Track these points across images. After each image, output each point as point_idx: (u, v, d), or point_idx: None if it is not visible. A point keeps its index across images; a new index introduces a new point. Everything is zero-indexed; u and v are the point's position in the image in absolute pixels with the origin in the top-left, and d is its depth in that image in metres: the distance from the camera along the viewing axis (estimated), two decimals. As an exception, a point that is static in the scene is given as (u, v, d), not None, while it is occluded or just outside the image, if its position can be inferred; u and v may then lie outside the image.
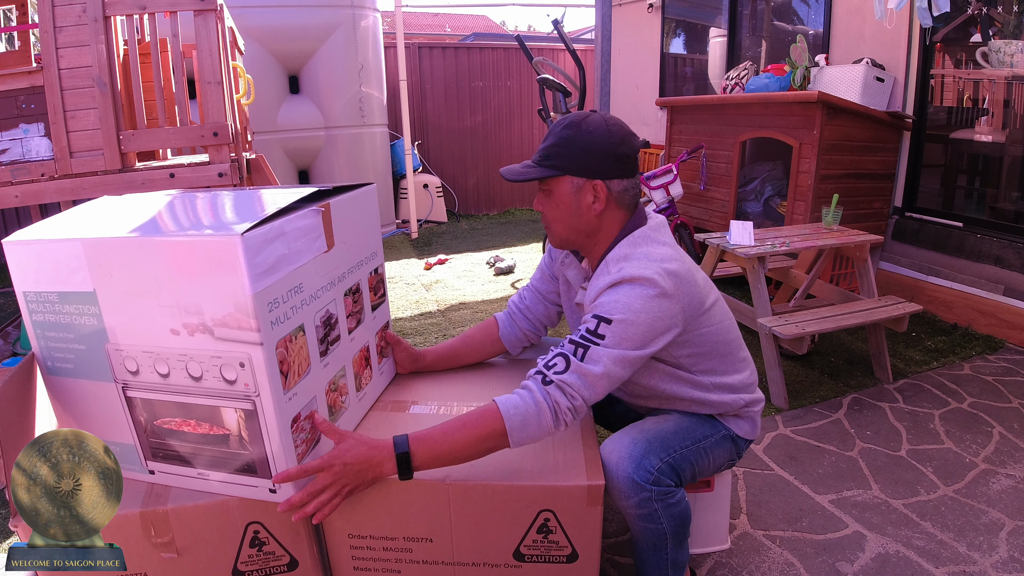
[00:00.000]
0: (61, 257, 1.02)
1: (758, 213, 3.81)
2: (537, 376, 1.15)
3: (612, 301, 1.16)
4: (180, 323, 0.99)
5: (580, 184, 1.24)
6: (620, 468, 1.18)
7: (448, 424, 1.13)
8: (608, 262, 1.25)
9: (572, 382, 1.13)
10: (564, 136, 1.23)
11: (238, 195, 1.26)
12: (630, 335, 1.14)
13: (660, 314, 1.17)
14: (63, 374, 1.12)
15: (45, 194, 2.40)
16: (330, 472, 1.07)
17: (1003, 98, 3.29)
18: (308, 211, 1.12)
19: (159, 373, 1.05)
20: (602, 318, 1.15)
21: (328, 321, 1.19)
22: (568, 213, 1.27)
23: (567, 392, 1.13)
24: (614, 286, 1.17)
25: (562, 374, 1.13)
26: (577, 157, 1.23)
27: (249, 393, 1.01)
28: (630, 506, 1.19)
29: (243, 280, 0.94)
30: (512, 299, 1.60)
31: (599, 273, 1.25)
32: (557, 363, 1.14)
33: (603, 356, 1.13)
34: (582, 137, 1.23)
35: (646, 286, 1.16)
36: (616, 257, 1.24)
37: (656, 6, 5.40)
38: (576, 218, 1.27)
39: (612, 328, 1.14)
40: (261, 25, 4.67)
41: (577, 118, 1.25)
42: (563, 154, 1.23)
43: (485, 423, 1.11)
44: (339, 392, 1.25)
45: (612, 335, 1.14)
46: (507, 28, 18.54)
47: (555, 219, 1.29)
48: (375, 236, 1.44)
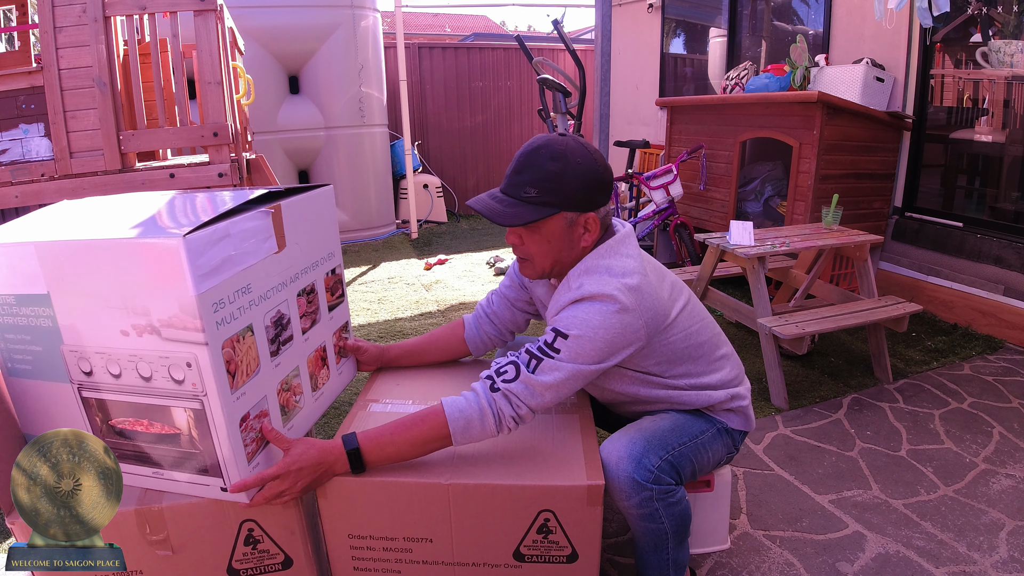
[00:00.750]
0: (16, 261, 1.03)
1: (758, 213, 3.81)
2: (486, 381, 1.17)
3: (571, 317, 1.16)
4: (129, 324, 1.01)
5: (573, 219, 1.21)
6: (620, 468, 1.18)
7: (396, 423, 1.17)
8: (570, 277, 1.24)
9: (519, 391, 1.15)
10: (552, 171, 1.17)
11: (197, 197, 1.26)
12: (586, 351, 1.15)
13: (621, 330, 1.17)
14: (22, 375, 1.13)
15: (45, 194, 2.40)
16: (285, 479, 1.10)
17: (1003, 98, 3.29)
18: (256, 212, 1.12)
19: (111, 374, 1.06)
20: (559, 332, 1.16)
21: (280, 321, 1.19)
22: (557, 248, 1.23)
23: (512, 401, 1.15)
24: (574, 303, 1.18)
25: (510, 383, 1.15)
26: (570, 192, 1.18)
27: (197, 393, 1.02)
28: (631, 506, 1.19)
29: (186, 281, 0.95)
30: (480, 303, 1.59)
31: (561, 288, 1.24)
32: (508, 371, 1.16)
33: (554, 369, 1.14)
34: (572, 170, 1.18)
35: (606, 302, 1.16)
36: (578, 272, 1.23)
37: (656, 6, 5.40)
38: (566, 252, 1.24)
39: (568, 343, 1.15)
40: (261, 25, 4.68)
41: (558, 147, 1.18)
42: (554, 190, 1.17)
43: (430, 425, 1.15)
44: (292, 392, 1.25)
45: (567, 349, 1.15)
46: (507, 28, 18.55)
47: (540, 254, 1.24)
48: (332, 237, 1.44)
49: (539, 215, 1.18)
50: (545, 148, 1.19)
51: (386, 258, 4.88)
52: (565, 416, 1.34)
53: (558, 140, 1.20)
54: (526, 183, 1.19)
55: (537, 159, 1.19)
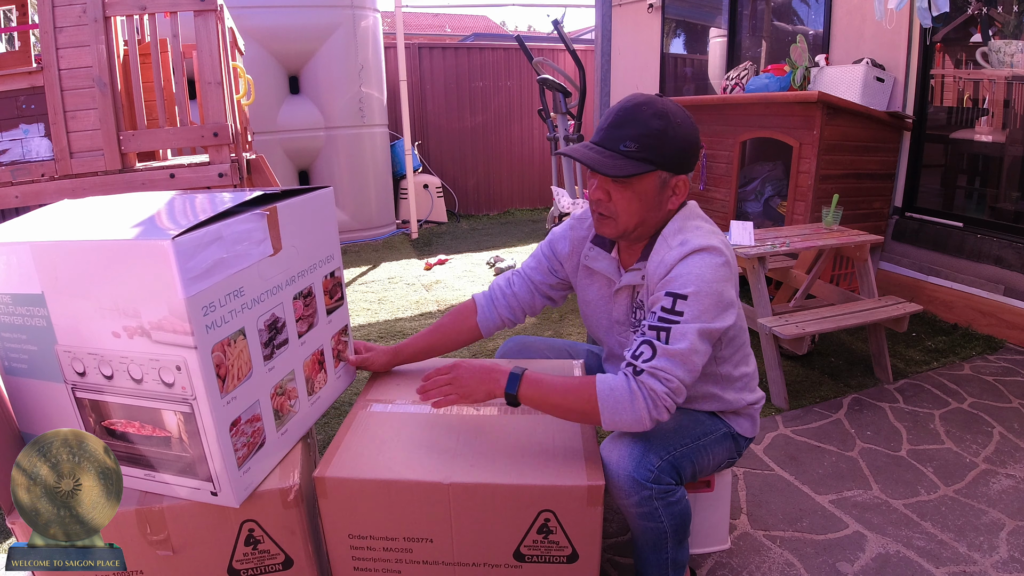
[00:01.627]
0: (12, 260, 1.03)
1: (758, 213, 3.81)
2: (627, 368, 1.15)
3: (685, 274, 1.15)
4: (120, 326, 1.01)
5: (666, 179, 1.21)
6: (620, 466, 1.17)
7: (557, 380, 1.21)
8: (666, 236, 1.24)
9: (662, 365, 1.12)
10: (655, 128, 1.16)
11: (196, 198, 1.26)
12: (706, 306, 1.14)
13: (728, 282, 1.18)
14: (19, 374, 1.14)
15: (45, 194, 2.40)
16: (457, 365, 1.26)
17: (1003, 98, 3.29)
18: (251, 215, 1.12)
19: (103, 375, 1.06)
20: (676, 295, 1.14)
21: (274, 325, 1.19)
22: (645, 207, 1.22)
23: (660, 377, 1.12)
24: (684, 259, 1.17)
25: (651, 360, 1.12)
26: (670, 152, 1.18)
27: (186, 396, 1.02)
28: (631, 504, 1.19)
29: (176, 284, 0.95)
30: (498, 282, 1.55)
31: (659, 248, 1.23)
32: (643, 351, 1.14)
33: (686, 332, 1.13)
34: (673, 130, 1.17)
35: (714, 254, 1.17)
36: (673, 231, 1.24)
37: (656, 6, 5.41)
38: (653, 211, 1.23)
39: (688, 303, 1.14)
40: (261, 25, 4.68)
41: (660, 106, 1.18)
42: (654, 147, 1.17)
43: (580, 396, 1.16)
44: (287, 396, 1.25)
45: (689, 309, 1.14)
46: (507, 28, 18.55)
47: (626, 211, 1.22)
48: (331, 239, 1.43)
49: (638, 170, 1.17)
50: (647, 105, 1.18)
51: (386, 258, 4.88)
52: (565, 416, 1.34)
53: (658, 99, 1.20)
54: (626, 137, 1.17)
55: (639, 114, 1.17)
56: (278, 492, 1.15)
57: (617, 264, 1.36)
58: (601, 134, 1.21)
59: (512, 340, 1.68)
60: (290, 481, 1.16)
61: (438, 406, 1.31)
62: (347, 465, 1.18)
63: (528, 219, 6.50)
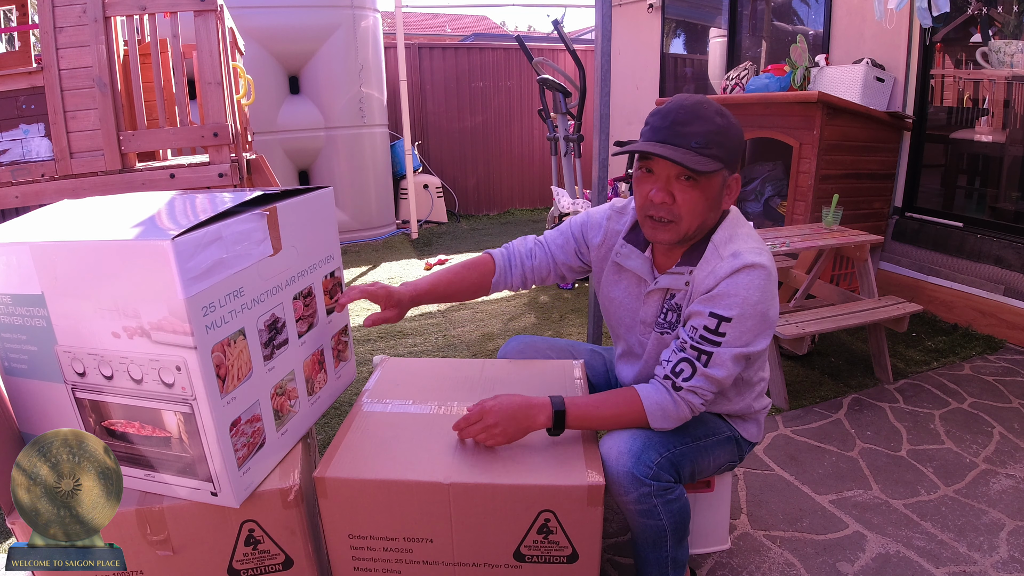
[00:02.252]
0: (12, 260, 1.03)
1: (758, 213, 3.81)
2: (666, 382, 1.21)
3: (732, 294, 1.16)
4: (120, 326, 1.00)
5: (726, 178, 1.20)
6: (619, 463, 1.17)
7: (599, 399, 1.24)
8: (716, 245, 1.23)
9: (701, 385, 1.19)
10: (720, 125, 1.14)
11: (196, 198, 1.26)
12: (747, 328, 1.17)
13: (773, 300, 1.20)
14: (19, 375, 1.13)
15: (45, 195, 2.40)
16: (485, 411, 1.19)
17: (1003, 98, 3.29)
18: (250, 215, 1.12)
19: (103, 375, 1.06)
20: (721, 317, 1.16)
21: (274, 325, 1.19)
22: (709, 207, 1.19)
23: (699, 393, 1.20)
24: (735, 274, 1.17)
25: (690, 380, 1.19)
26: (732, 149, 1.17)
27: (186, 397, 1.02)
28: (629, 501, 1.19)
29: (175, 284, 0.94)
30: (518, 249, 1.49)
31: (710, 257, 1.22)
32: (684, 370, 1.19)
33: (726, 358, 1.17)
34: (733, 128, 1.17)
35: (761, 273, 1.17)
36: (723, 239, 1.23)
37: (656, 6, 5.41)
38: (713, 212, 1.22)
39: (731, 326, 1.16)
40: (261, 26, 4.68)
41: (715, 105, 1.17)
42: (721, 143, 1.14)
43: (634, 419, 1.22)
44: (287, 396, 1.25)
45: (731, 332, 1.16)
46: (507, 28, 18.55)
47: (691, 212, 1.18)
48: (331, 240, 1.42)
49: (714, 167, 1.14)
50: (707, 104, 1.16)
51: (386, 258, 4.88)
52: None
53: (707, 100, 1.18)
54: (696, 133, 1.13)
55: (703, 112, 1.15)
56: (278, 492, 1.15)
57: (651, 265, 1.33)
58: (665, 132, 1.15)
59: (514, 340, 1.68)
60: (290, 481, 1.16)
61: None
62: (347, 465, 1.18)
63: (528, 219, 6.50)
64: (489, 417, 1.19)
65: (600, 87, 2.21)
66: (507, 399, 1.21)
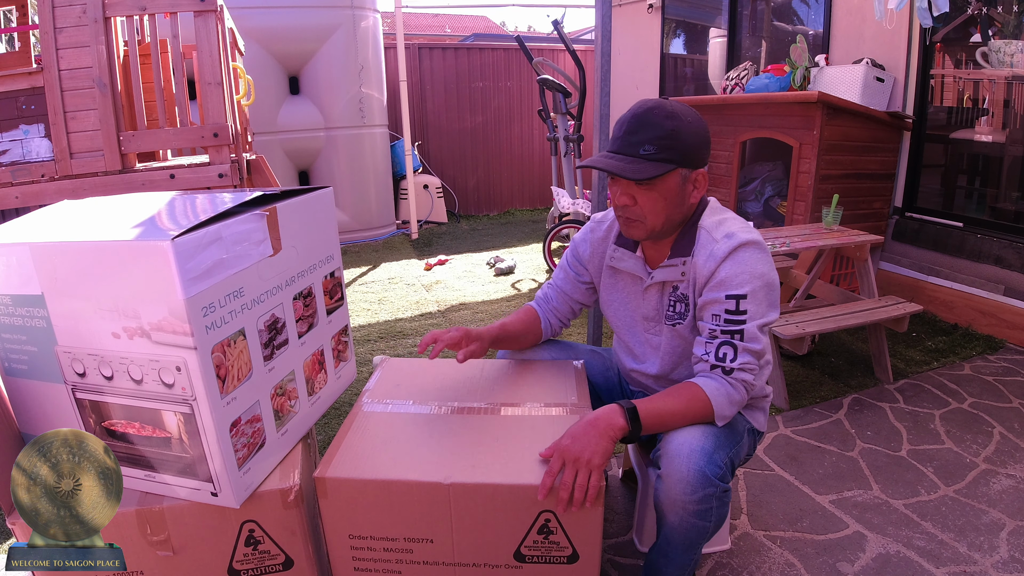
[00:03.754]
0: (12, 261, 1.03)
1: (758, 213, 3.81)
2: (717, 371, 1.23)
3: (740, 273, 1.22)
4: (120, 327, 1.01)
5: (687, 175, 1.26)
6: (692, 460, 1.14)
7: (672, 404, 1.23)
8: (707, 229, 1.29)
9: (747, 361, 1.22)
10: (670, 128, 1.22)
11: (196, 198, 1.26)
12: (762, 299, 1.23)
13: (773, 270, 1.25)
14: (19, 375, 1.14)
15: (45, 195, 2.40)
16: (559, 453, 1.13)
17: (1003, 98, 3.29)
18: (251, 215, 1.12)
19: (104, 376, 1.06)
20: (737, 296, 1.21)
21: (274, 325, 1.19)
22: (671, 204, 1.27)
23: (748, 370, 1.23)
24: (733, 253, 1.23)
25: (736, 360, 1.22)
26: (686, 149, 1.24)
27: (186, 397, 1.02)
28: (691, 501, 1.14)
29: (175, 285, 0.94)
30: (540, 302, 1.60)
31: (704, 241, 1.28)
32: (726, 352, 1.22)
33: (755, 330, 1.22)
34: (686, 128, 1.23)
35: (758, 248, 1.24)
36: (713, 224, 1.30)
37: (656, 6, 5.41)
38: (677, 208, 1.28)
39: (749, 301, 1.21)
40: (261, 26, 4.68)
41: (668, 107, 1.24)
42: (672, 146, 1.22)
43: (701, 413, 1.22)
44: (287, 396, 1.25)
45: (751, 307, 1.21)
46: (507, 29, 18.56)
47: (653, 211, 1.27)
48: (331, 240, 1.43)
49: (660, 171, 1.22)
50: (658, 108, 1.24)
51: (386, 259, 4.88)
52: (566, 417, 1.34)
53: (666, 101, 1.26)
54: (644, 141, 1.22)
55: (652, 118, 1.23)
56: (278, 492, 1.15)
57: (643, 262, 1.40)
58: (618, 142, 1.26)
59: None
60: (290, 481, 1.16)
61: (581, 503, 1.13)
62: (347, 465, 1.18)
63: (528, 219, 6.50)
64: (566, 452, 1.13)
65: (600, 87, 2.21)
66: (575, 430, 1.17)
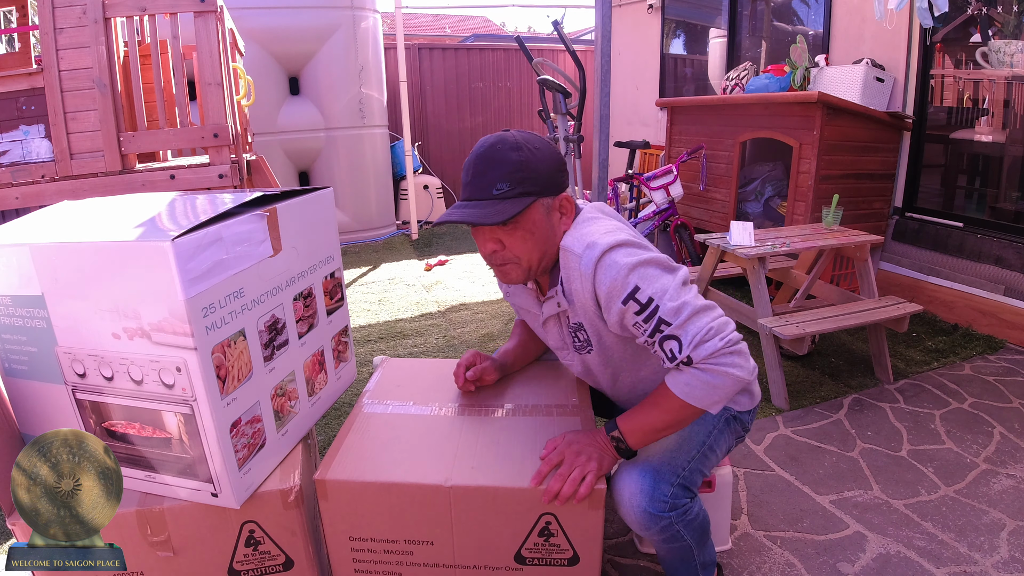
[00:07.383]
0: (12, 261, 1.04)
1: (758, 213, 3.81)
2: (680, 366, 1.11)
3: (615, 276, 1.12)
4: (120, 327, 1.01)
5: (549, 204, 1.19)
6: (634, 504, 1.16)
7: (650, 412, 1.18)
8: (567, 248, 1.19)
9: (696, 335, 1.08)
10: (518, 160, 1.15)
11: (196, 199, 1.26)
12: (653, 275, 1.12)
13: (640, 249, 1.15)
14: (19, 376, 1.14)
15: (45, 196, 2.40)
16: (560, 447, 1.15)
17: (1003, 98, 3.29)
18: (250, 216, 1.12)
19: (104, 376, 1.06)
20: (631, 295, 1.10)
21: (274, 326, 1.19)
22: (540, 239, 1.19)
23: (706, 341, 1.08)
24: (600, 261, 1.13)
25: (686, 346, 1.09)
26: (539, 177, 1.16)
27: (187, 398, 1.02)
28: (652, 535, 1.18)
29: (175, 285, 0.95)
30: None
31: (568, 261, 1.19)
32: (672, 347, 1.10)
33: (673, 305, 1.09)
34: (534, 156, 1.16)
35: (623, 245, 1.14)
36: (571, 240, 1.19)
37: (656, 7, 5.41)
38: (549, 240, 1.20)
39: (645, 289, 1.10)
40: (261, 27, 4.68)
41: (511, 139, 1.17)
42: (527, 178, 1.15)
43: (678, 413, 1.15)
44: (287, 397, 1.25)
45: (651, 289, 1.10)
46: (507, 29, 18.55)
47: (524, 250, 1.19)
48: (331, 240, 1.43)
49: (519, 207, 1.13)
50: (500, 143, 1.17)
51: (386, 259, 4.88)
52: (566, 418, 1.34)
53: (507, 134, 1.19)
54: (495, 180, 1.15)
55: (497, 154, 1.16)
56: (279, 493, 1.15)
57: (536, 295, 1.35)
58: (469, 188, 1.18)
59: None
60: (290, 482, 1.16)
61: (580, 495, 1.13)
62: (348, 467, 1.18)
63: (528, 220, 6.50)
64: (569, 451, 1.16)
65: (600, 87, 2.21)
66: (573, 433, 1.21)
